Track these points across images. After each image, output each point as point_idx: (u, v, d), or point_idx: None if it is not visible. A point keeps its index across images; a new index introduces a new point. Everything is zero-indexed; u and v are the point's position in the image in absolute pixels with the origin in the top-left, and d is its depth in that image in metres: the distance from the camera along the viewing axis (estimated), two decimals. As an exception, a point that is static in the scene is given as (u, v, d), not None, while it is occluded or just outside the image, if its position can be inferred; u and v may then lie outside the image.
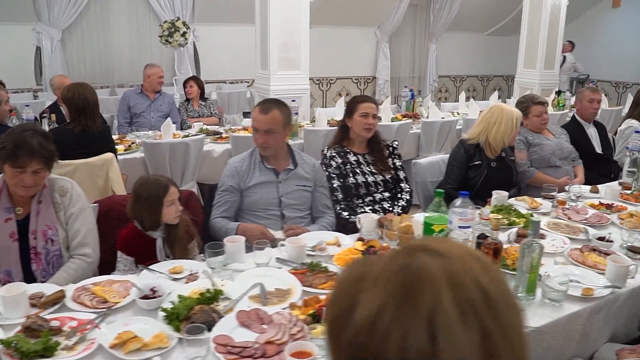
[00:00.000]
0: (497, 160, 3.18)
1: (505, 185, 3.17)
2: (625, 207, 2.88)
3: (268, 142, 2.56)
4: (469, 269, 0.69)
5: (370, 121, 2.90)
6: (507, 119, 3.05)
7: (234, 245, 2.18)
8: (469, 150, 3.14)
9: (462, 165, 3.13)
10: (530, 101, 3.57)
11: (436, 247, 0.72)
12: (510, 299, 0.71)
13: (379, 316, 0.66)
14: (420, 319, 0.64)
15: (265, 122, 2.54)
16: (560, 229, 2.53)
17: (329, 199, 2.75)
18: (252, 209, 2.63)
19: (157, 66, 5.15)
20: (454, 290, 0.66)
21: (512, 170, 3.24)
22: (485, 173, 3.11)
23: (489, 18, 10.32)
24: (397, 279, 0.68)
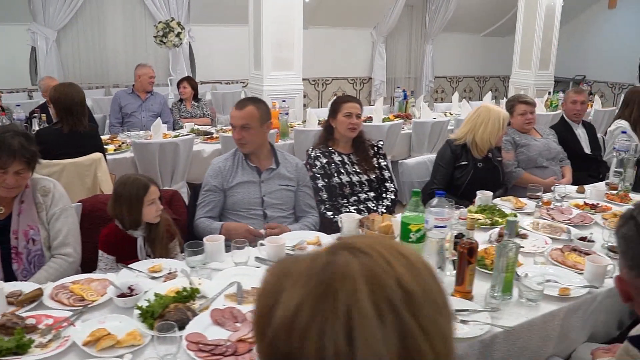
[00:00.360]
0: (484, 161, 3.18)
1: (492, 185, 3.17)
2: (610, 208, 2.88)
3: (244, 137, 2.57)
4: (391, 267, 0.68)
5: (354, 121, 2.90)
6: (493, 119, 3.05)
7: (214, 245, 2.19)
8: (456, 150, 3.14)
9: (449, 165, 3.13)
10: (516, 100, 3.58)
11: (361, 246, 0.71)
12: (437, 299, 0.70)
13: (297, 315, 0.65)
14: (338, 318, 0.63)
15: (240, 117, 2.56)
16: (543, 229, 2.53)
17: (312, 198, 2.75)
18: (235, 208, 2.64)
19: (148, 66, 5.16)
20: (373, 289, 0.65)
21: (499, 171, 3.24)
22: (472, 173, 3.11)
23: (486, 19, 10.32)
24: (317, 277, 0.67)
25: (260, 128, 2.59)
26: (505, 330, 1.70)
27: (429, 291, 0.69)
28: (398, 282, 0.67)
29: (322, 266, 0.69)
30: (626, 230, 1.13)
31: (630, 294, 1.15)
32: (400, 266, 0.69)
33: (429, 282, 0.70)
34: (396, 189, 3.04)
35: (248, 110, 2.57)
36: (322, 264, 0.69)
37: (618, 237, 1.16)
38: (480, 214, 2.66)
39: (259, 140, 2.60)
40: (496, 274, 1.83)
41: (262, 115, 2.59)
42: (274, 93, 6.11)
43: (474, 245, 1.80)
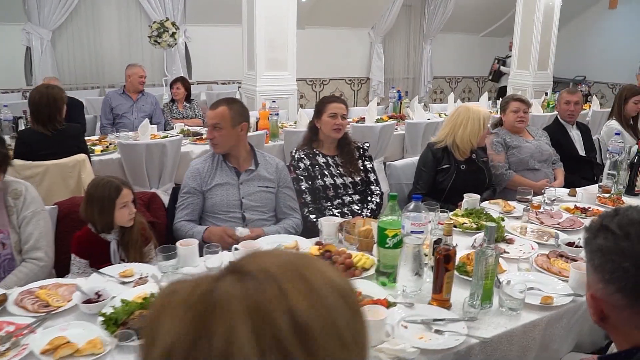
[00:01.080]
0: (467, 163, 3.11)
1: (478, 187, 3.09)
2: (601, 212, 2.79)
3: (215, 137, 2.52)
4: (283, 295, 0.59)
5: (339, 122, 2.84)
6: (473, 119, 2.98)
7: (187, 249, 2.12)
8: (437, 153, 3.07)
9: (431, 169, 3.06)
10: (510, 98, 3.51)
11: (251, 268, 0.62)
12: (343, 333, 0.60)
13: (173, 353, 0.57)
14: (216, 356, 0.55)
15: (211, 116, 2.53)
16: (531, 234, 2.46)
17: (294, 200, 2.68)
18: (214, 211, 2.58)
19: (139, 66, 5.10)
20: (256, 324, 0.57)
21: (484, 172, 3.16)
22: (454, 176, 3.04)
23: (485, 19, 10.24)
24: (195, 310, 0.59)
25: (232, 129, 2.52)
26: (482, 341, 1.63)
27: (333, 324, 0.60)
28: (290, 314, 0.58)
29: (201, 295, 0.60)
30: (602, 242, 1.06)
31: (605, 312, 1.07)
32: (296, 294, 0.59)
33: (334, 312, 0.61)
34: (382, 192, 2.97)
35: (219, 111, 2.52)
36: (202, 292, 0.60)
37: (592, 250, 1.09)
38: (466, 218, 2.59)
39: (230, 140, 2.54)
40: (475, 282, 1.76)
41: (233, 116, 2.53)
42: (267, 94, 6.04)
43: (451, 251, 1.73)
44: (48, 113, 3.38)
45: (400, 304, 1.76)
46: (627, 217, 1.05)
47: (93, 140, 4.40)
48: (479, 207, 2.73)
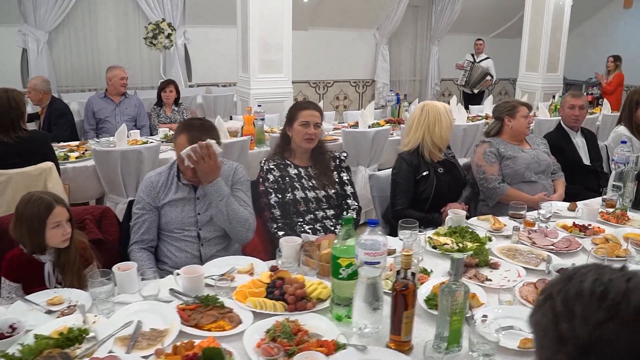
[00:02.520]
0: (442, 164, 2.91)
1: (458, 187, 2.93)
2: (603, 230, 2.51)
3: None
4: None
5: (311, 131, 2.59)
6: (443, 113, 2.82)
7: (123, 274, 1.88)
8: (412, 161, 2.83)
9: (409, 180, 2.81)
10: (517, 102, 3.22)
11: None
12: None
13: None
14: None
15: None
16: (518, 257, 2.18)
17: (248, 196, 2.40)
18: (169, 229, 2.34)
19: (119, 67, 4.90)
20: None
21: (457, 168, 2.99)
22: (436, 182, 2.81)
23: (494, 20, 9.91)
24: None
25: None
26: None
27: None
28: None
29: None
30: (540, 317, 0.80)
31: None
32: None
33: None
34: (359, 207, 2.71)
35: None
36: None
37: (530, 324, 0.83)
38: (448, 238, 2.32)
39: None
40: (440, 321, 1.50)
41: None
42: (261, 97, 5.81)
43: (409, 290, 1.46)
44: (10, 119, 3.18)
45: (352, 347, 1.50)
46: (577, 287, 0.79)
47: (71, 146, 4.21)
48: (464, 224, 2.46)
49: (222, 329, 1.65)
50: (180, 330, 1.63)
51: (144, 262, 2.28)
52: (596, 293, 0.76)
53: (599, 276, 0.78)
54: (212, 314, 1.72)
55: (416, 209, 2.78)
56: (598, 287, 0.77)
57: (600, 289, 0.76)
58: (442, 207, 2.74)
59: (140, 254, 2.31)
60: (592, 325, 0.74)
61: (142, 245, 2.34)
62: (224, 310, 1.75)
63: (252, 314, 1.72)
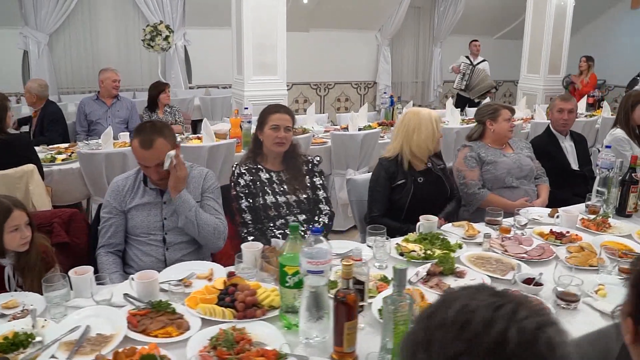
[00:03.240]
0: (424, 174, 2.82)
1: (440, 199, 2.83)
2: (580, 238, 2.44)
3: (162, 174, 2.26)
4: None
5: (282, 135, 2.55)
6: (425, 121, 2.72)
7: (78, 278, 1.86)
8: (389, 168, 2.77)
9: (384, 187, 2.76)
10: (499, 105, 3.15)
11: None
12: None
13: None
14: None
15: (153, 157, 2.21)
16: (486, 266, 2.12)
17: (217, 203, 2.39)
18: (135, 233, 2.33)
19: (111, 70, 4.91)
20: None
21: (444, 181, 2.87)
22: (412, 192, 2.74)
23: (498, 20, 9.81)
24: None
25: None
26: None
27: None
28: None
29: None
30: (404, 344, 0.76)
31: None
32: None
33: None
34: (332, 212, 2.67)
35: (157, 146, 2.20)
36: None
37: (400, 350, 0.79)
38: (418, 245, 2.27)
39: None
40: (385, 333, 1.45)
41: (171, 142, 2.28)
42: (255, 99, 5.79)
43: (351, 297, 1.42)
44: None
45: (293, 357, 1.47)
46: (443, 314, 0.74)
47: (60, 148, 4.21)
48: (436, 231, 2.41)
49: (168, 335, 1.63)
50: (126, 336, 1.61)
51: (110, 265, 2.27)
52: (458, 322, 0.71)
53: (468, 302, 0.73)
54: (162, 320, 1.70)
55: (393, 217, 2.73)
56: (462, 316, 0.71)
57: (464, 317, 0.71)
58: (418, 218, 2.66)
59: (107, 258, 2.30)
60: (447, 357, 0.69)
61: (109, 249, 2.34)
62: (174, 317, 1.73)
63: (201, 320, 1.69)
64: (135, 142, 2.22)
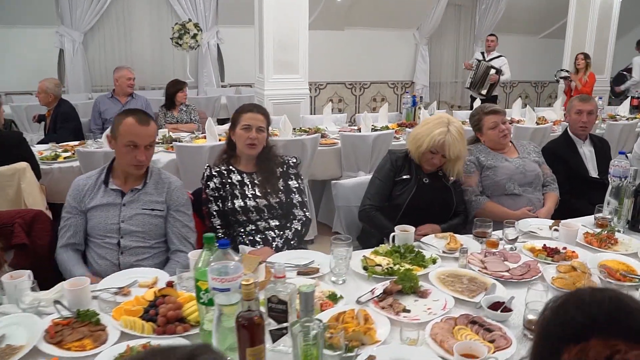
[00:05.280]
0: (432, 177, 2.60)
1: (444, 210, 2.59)
2: (576, 255, 2.17)
3: (147, 158, 2.21)
4: None
5: (253, 135, 2.40)
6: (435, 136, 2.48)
7: (10, 283, 1.78)
8: (397, 161, 2.58)
9: (387, 179, 2.57)
10: (481, 112, 2.88)
11: None
12: None
13: None
14: None
15: (147, 135, 2.19)
16: (456, 285, 1.90)
17: (190, 229, 2.27)
18: (92, 234, 2.24)
19: (126, 68, 4.91)
20: None
21: (452, 193, 2.61)
22: (415, 190, 2.53)
23: (543, 19, 9.32)
24: None
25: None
26: None
27: None
28: None
29: None
30: None
31: None
32: None
33: None
34: (307, 218, 2.50)
35: (152, 128, 2.22)
36: None
37: None
38: (387, 258, 2.07)
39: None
40: (296, 362, 1.28)
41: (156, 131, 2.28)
42: (276, 98, 5.69)
43: (254, 320, 1.26)
44: None
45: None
46: None
47: (69, 146, 4.23)
48: (412, 243, 2.20)
49: (82, 348, 1.52)
50: (36, 347, 1.50)
51: (71, 261, 2.19)
52: None
53: None
54: (82, 331, 1.59)
55: (388, 215, 2.53)
56: None
57: None
58: (419, 224, 2.43)
59: (67, 254, 2.22)
60: None
61: (69, 250, 2.25)
62: (96, 328, 1.61)
63: (119, 334, 1.57)
64: (131, 119, 2.17)
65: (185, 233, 2.25)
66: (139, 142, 2.17)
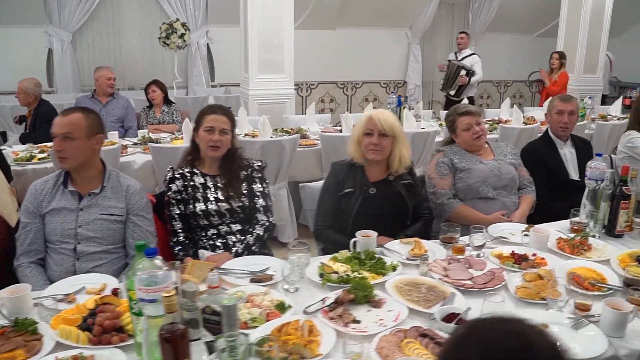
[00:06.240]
0: (380, 185, 2.47)
1: (399, 218, 2.47)
2: (545, 262, 2.09)
3: (65, 150, 2.12)
4: None
5: (216, 137, 2.33)
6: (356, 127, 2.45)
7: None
8: (339, 174, 2.48)
9: (333, 195, 2.47)
10: (454, 113, 2.80)
11: None
12: None
13: None
14: None
15: (62, 124, 2.13)
16: (413, 294, 1.82)
17: (151, 234, 2.21)
18: (50, 239, 2.17)
19: (106, 68, 4.84)
20: None
21: (405, 199, 2.48)
22: (360, 203, 2.41)
23: (537, 18, 9.22)
24: None
25: (87, 140, 2.13)
26: None
27: None
28: None
29: None
30: None
31: None
32: None
33: None
34: (271, 223, 2.42)
35: (72, 118, 2.14)
36: None
37: None
38: (346, 265, 1.99)
39: (83, 155, 2.14)
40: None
41: (89, 126, 2.15)
42: (261, 98, 5.63)
43: (178, 333, 1.19)
44: None
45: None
46: None
47: (48, 147, 4.15)
48: (374, 249, 2.12)
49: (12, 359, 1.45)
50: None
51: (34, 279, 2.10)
52: None
53: None
54: (16, 341, 1.53)
55: (340, 230, 2.44)
56: None
57: None
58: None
59: (30, 271, 2.13)
60: None
61: (30, 259, 2.17)
62: (32, 338, 1.55)
63: (54, 343, 1.51)
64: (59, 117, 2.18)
65: (145, 238, 2.18)
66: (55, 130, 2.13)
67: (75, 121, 2.14)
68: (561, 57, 6.25)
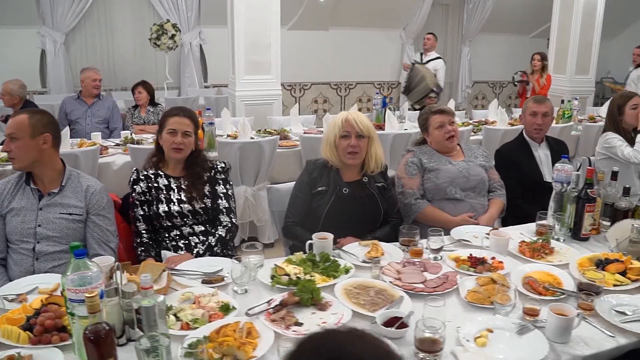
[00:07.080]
0: (353, 186, 2.47)
1: (368, 219, 2.47)
2: (502, 266, 2.08)
3: (12, 151, 2.15)
4: None
5: (178, 140, 2.34)
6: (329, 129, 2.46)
7: None
8: (313, 173, 2.49)
9: (305, 193, 2.48)
10: (428, 111, 2.80)
11: None
12: None
13: None
14: None
15: (8, 126, 2.18)
16: (360, 297, 1.82)
17: (111, 233, 2.22)
18: (10, 239, 2.19)
19: (92, 69, 4.85)
20: None
21: (378, 201, 2.49)
22: (332, 203, 2.42)
23: (532, 19, 9.19)
24: None
25: (31, 140, 2.14)
26: None
27: None
28: None
29: None
30: None
31: None
32: None
33: None
34: (233, 225, 2.43)
35: (18, 118, 2.17)
36: None
37: None
38: (298, 267, 1.99)
39: (30, 155, 2.15)
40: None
41: (34, 125, 2.15)
42: (247, 99, 5.63)
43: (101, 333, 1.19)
44: None
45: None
46: None
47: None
48: (330, 251, 2.12)
49: (-51, 362, 1.46)
50: None
51: None
52: None
53: None
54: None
55: (309, 228, 2.44)
56: None
57: None
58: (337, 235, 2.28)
59: None
60: None
61: None
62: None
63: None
64: None
65: (106, 238, 2.19)
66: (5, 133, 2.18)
67: (19, 121, 2.17)
68: (543, 59, 6.22)
